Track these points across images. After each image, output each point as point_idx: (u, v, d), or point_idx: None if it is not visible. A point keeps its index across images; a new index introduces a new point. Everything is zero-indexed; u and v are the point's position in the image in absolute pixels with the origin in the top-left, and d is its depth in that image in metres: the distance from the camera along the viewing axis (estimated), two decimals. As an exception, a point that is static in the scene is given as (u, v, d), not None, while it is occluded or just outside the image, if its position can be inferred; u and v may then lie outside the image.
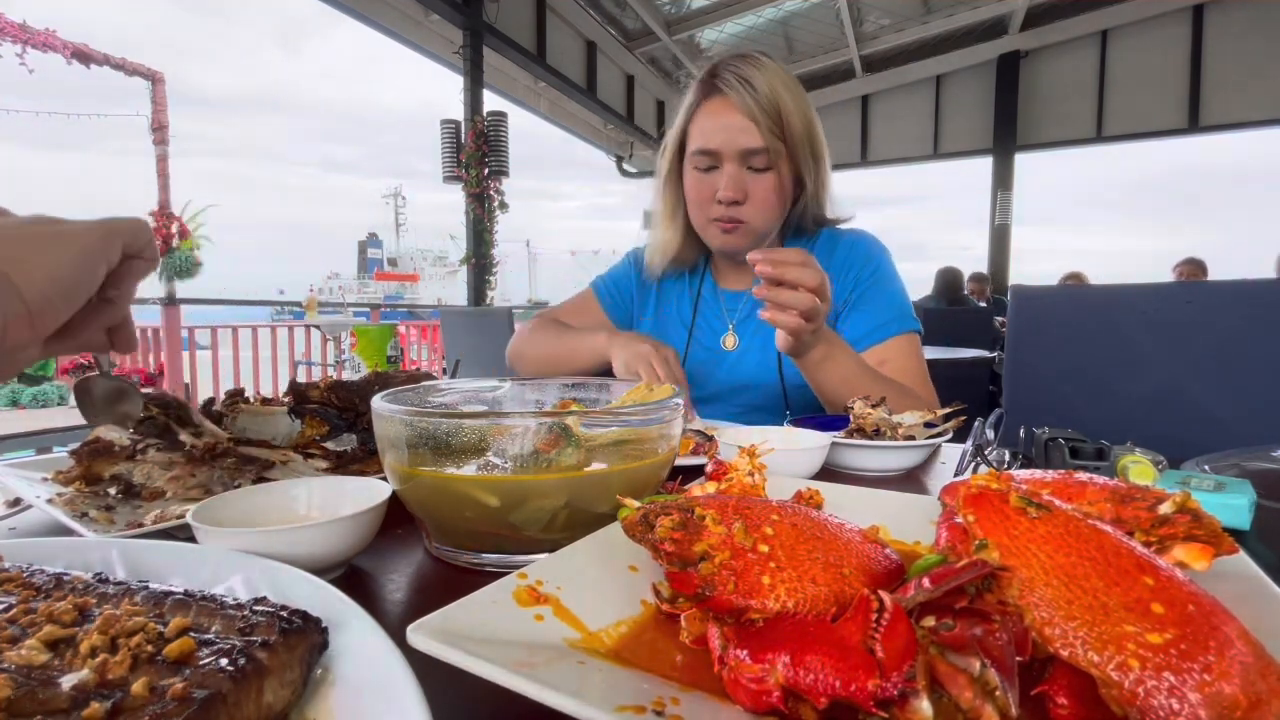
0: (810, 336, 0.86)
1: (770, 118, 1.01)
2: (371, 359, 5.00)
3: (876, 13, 7.18)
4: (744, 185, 1.04)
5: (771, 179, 1.04)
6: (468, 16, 5.24)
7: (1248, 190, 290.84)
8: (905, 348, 1.09)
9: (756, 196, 1.05)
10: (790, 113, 1.03)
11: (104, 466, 0.58)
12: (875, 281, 1.12)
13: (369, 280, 73.27)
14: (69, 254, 0.36)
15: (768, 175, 1.04)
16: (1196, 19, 6.82)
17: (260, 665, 0.26)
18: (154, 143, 5.03)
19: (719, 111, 1.04)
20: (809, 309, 0.81)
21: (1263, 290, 1.19)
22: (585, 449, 0.49)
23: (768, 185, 1.05)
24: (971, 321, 4.14)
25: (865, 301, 1.12)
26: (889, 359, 1.07)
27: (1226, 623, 0.26)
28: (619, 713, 0.25)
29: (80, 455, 0.59)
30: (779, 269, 0.79)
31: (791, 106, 1.03)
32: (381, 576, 0.47)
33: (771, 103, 1.01)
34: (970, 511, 0.35)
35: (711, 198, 1.05)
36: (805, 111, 1.06)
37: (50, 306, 0.35)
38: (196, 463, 0.58)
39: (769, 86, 1.02)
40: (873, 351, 1.08)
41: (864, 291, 1.12)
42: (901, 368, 1.07)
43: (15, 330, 0.34)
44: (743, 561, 0.31)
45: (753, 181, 1.04)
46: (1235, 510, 0.53)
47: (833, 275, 1.09)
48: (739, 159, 1.03)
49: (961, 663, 0.25)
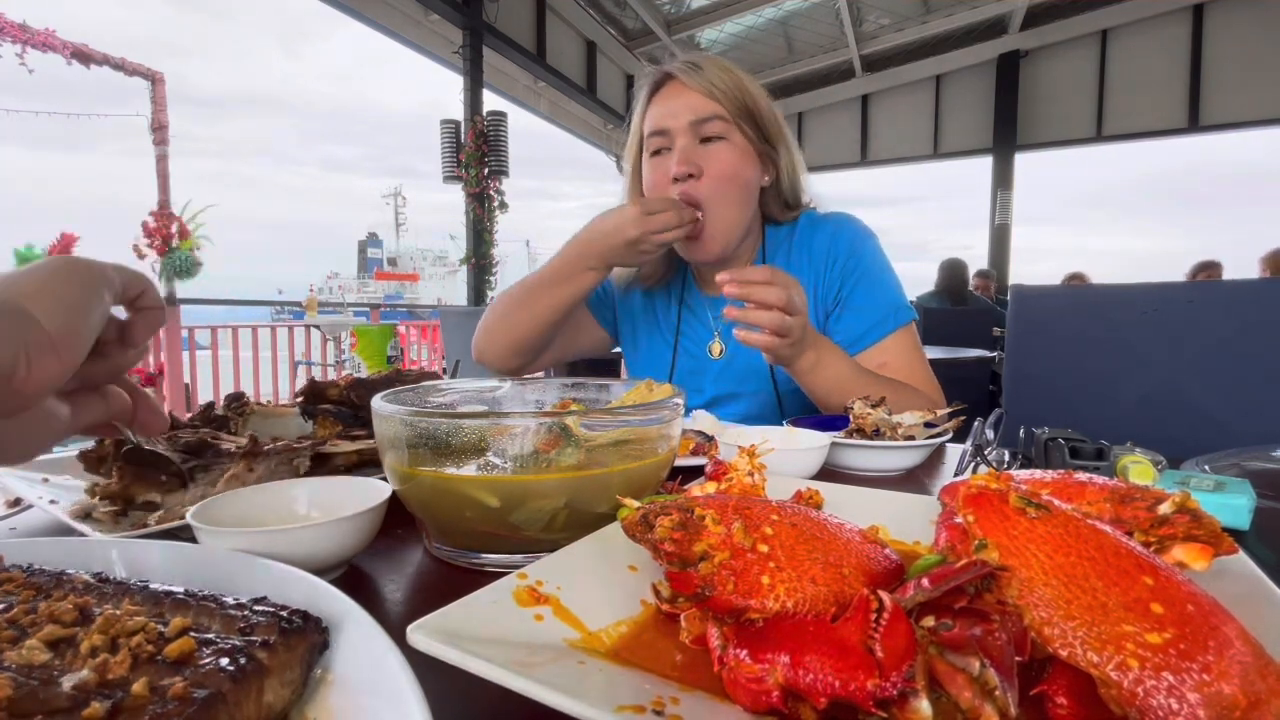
0: (789, 349, 0.85)
1: (721, 87, 0.98)
2: (371, 359, 5.00)
3: (876, 12, 7.19)
4: (696, 158, 0.97)
5: (725, 148, 0.98)
6: (468, 16, 5.24)
7: (1248, 190, 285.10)
8: (904, 343, 1.06)
9: (712, 170, 0.98)
10: (742, 83, 1.00)
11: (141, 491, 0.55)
12: (863, 274, 1.07)
13: (369, 280, 73.27)
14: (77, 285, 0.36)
15: (721, 146, 0.99)
16: (1196, 19, 6.82)
17: (260, 665, 0.26)
18: (154, 143, 5.02)
19: (670, 95, 1.01)
20: (778, 326, 0.80)
21: (1263, 290, 1.19)
22: (585, 449, 0.49)
23: (722, 154, 0.98)
24: (972, 321, 4.13)
25: (855, 298, 1.07)
26: (889, 360, 1.05)
27: (1226, 623, 0.26)
28: (619, 713, 0.25)
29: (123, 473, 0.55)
30: (745, 289, 0.79)
31: (743, 81, 1.01)
32: (381, 576, 0.47)
33: (721, 75, 0.99)
34: (970, 511, 0.35)
35: (668, 179, 0.99)
36: (760, 91, 1.03)
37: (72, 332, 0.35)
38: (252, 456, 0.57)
39: (716, 66, 1.00)
40: (871, 353, 1.05)
41: (853, 287, 1.07)
42: (903, 366, 1.05)
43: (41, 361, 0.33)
44: (742, 561, 0.31)
45: (706, 154, 0.98)
46: (1235, 510, 0.53)
47: (816, 267, 1.08)
48: (690, 131, 0.98)
49: (961, 662, 0.25)
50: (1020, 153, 7.76)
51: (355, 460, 0.64)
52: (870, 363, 1.04)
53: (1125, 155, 61.43)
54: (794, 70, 8.13)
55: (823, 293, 1.09)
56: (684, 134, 0.98)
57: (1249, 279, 1.25)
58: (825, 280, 1.08)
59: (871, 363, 1.04)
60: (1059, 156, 8.14)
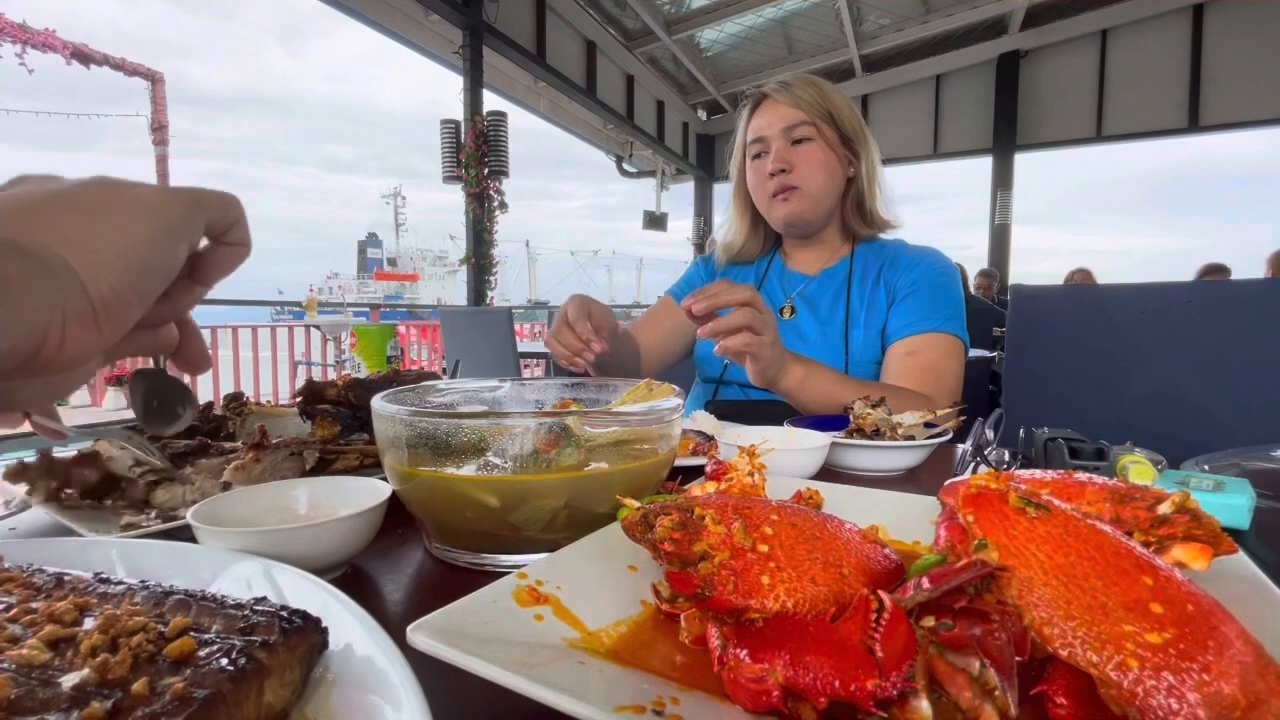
0: (771, 350, 0.87)
1: (806, 99, 1.16)
2: (371, 359, 4.99)
3: (876, 12, 7.19)
4: (789, 157, 1.16)
5: (813, 147, 1.16)
6: (467, 16, 5.24)
7: (1249, 190, 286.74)
8: (943, 345, 1.09)
9: (802, 163, 1.16)
10: (827, 93, 1.18)
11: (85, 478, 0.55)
12: (933, 286, 1.15)
13: (369, 280, 73.23)
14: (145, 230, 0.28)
15: (810, 145, 1.16)
16: (1196, 18, 6.82)
17: (260, 665, 0.26)
18: (154, 143, 5.03)
19: (765, 110, 1.20)
20: (747, 322, 0.84)
21: (1263, 290, 1.19)
22: (585, 449, 0.49)
23: (810, 151, 1.16)
24: (972, 321, 4.13)
25: (915, 297, 1.13)
26: (920, 350, 1.08)
27: (1225, 622, 0.26)
28: (619, 713, 0.25)
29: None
30: (709, 300, 0.84)
31: (830, 93, 1.19)
32: (381, 576, 0.47)
33: (807, 89, 1.17)
34: (970, 511, 0.35)
35: (766, 177, 1.18)
36: (842, 100, 1.20)
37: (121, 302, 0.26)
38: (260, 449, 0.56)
39: (803, 81, 1.19)
40: (907, 341, 1.09)
41: (917, 289, 1.14)
42: (929, 362, 1.07)
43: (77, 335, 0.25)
44: (742, 561, 0.31)
45: (797, 153, 1.16)
46: (1234, 510, 0.53)
47: (898, 273, 1.18)
48: (783, 136, 1.17)
49: (961, 662, 0.25)
50: (1020, 153, 7.76)
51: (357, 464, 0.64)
52: (901, 350, 1.09)
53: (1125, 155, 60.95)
54: (794, 70, 8.14)
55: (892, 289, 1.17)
56: (778, 139, 1.18)
57: (1249, 279, 1.25)
58: (900, 284, 1.16)
59: (902, 350, 1.09)
60: (1059, 156, 8.14)
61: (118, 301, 0.26)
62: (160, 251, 0.28)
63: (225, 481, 0.55)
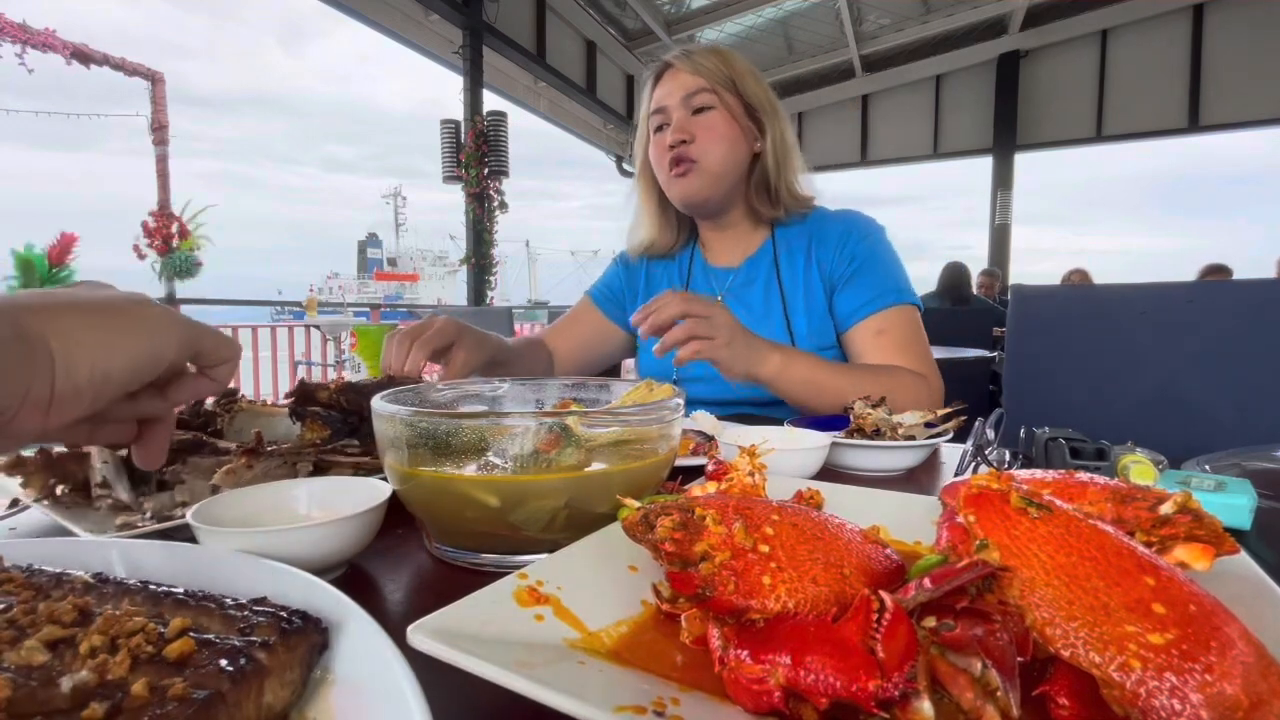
0: (728, 350, 0.87)
1: (707, 66, 1.10)
2: (372, 359, 4.99)
3: (876, 12, 7.19)
4: (689, 127, 1.09)
5: (714, 116, 1.10)
6: (467, 16, 5.24)
7: (1249, 190, 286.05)
8: (905, 318, 1.07)
9: (701, 134, 1.09)
10: (731, 61, 1.12)
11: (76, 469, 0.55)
12: (869, 257, 1.11)
13: (369, 280, 73.23)
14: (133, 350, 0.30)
15: (711, 114, 1.10)
16: (1196, 18, 6.82)
17: (260, 665, 0.26)
18: (154, 143, 5.03)
19: (667, 80, 1.14)
20: (688, 334, 0.84)
21: (1263, 290, 1.19)
22: (585, 449, 0.49)
23: (711, 121, 1.09)
24: (972, 321, 4.13)
25: (861, 275, 1.10)
26: (888, 328, 1.05)
27: (1228, 623, 0.26)
28: (619, 713, 0.25)
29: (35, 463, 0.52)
30: (653, 318, 0.85)
31: (734, 61, 1.12)
32: (381, 576, 0.47)
33: (709, 57, 1.11)
34: (971, 511, 0.35)
35: (666, 150, 1.11)
36: (748, 68, 1.13)
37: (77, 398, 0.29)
38: (253, 454, 0.56)
39: (706, 50, 1.13)
40: (870, 321, 1.06)
41: (859, 267, 1.10)
42: (901, 340, 1.05)
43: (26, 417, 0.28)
44: (743, 562, 0.31)
45: (697, 123, 1.10)
46: (1236, 510, 0.52)
47: (829, 253, 1.13)
48: (683, 105, 1.10)
49: (963, 663, 0.25)
50: (1020, 153, 7.76)
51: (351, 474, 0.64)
52: (868, 331, 1.06)
53: (1125, 155, 60.99)
54: (794, 70, 8.14)
55: (830, 274, 1.12)
56: (678, 108, 1.11)
57: (1249, 279, 1.25)
58: (835, 262, 1.12)
59: (869, 331, 1.06)
60: (1059, 156, 8.14)
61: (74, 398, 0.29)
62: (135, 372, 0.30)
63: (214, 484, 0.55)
